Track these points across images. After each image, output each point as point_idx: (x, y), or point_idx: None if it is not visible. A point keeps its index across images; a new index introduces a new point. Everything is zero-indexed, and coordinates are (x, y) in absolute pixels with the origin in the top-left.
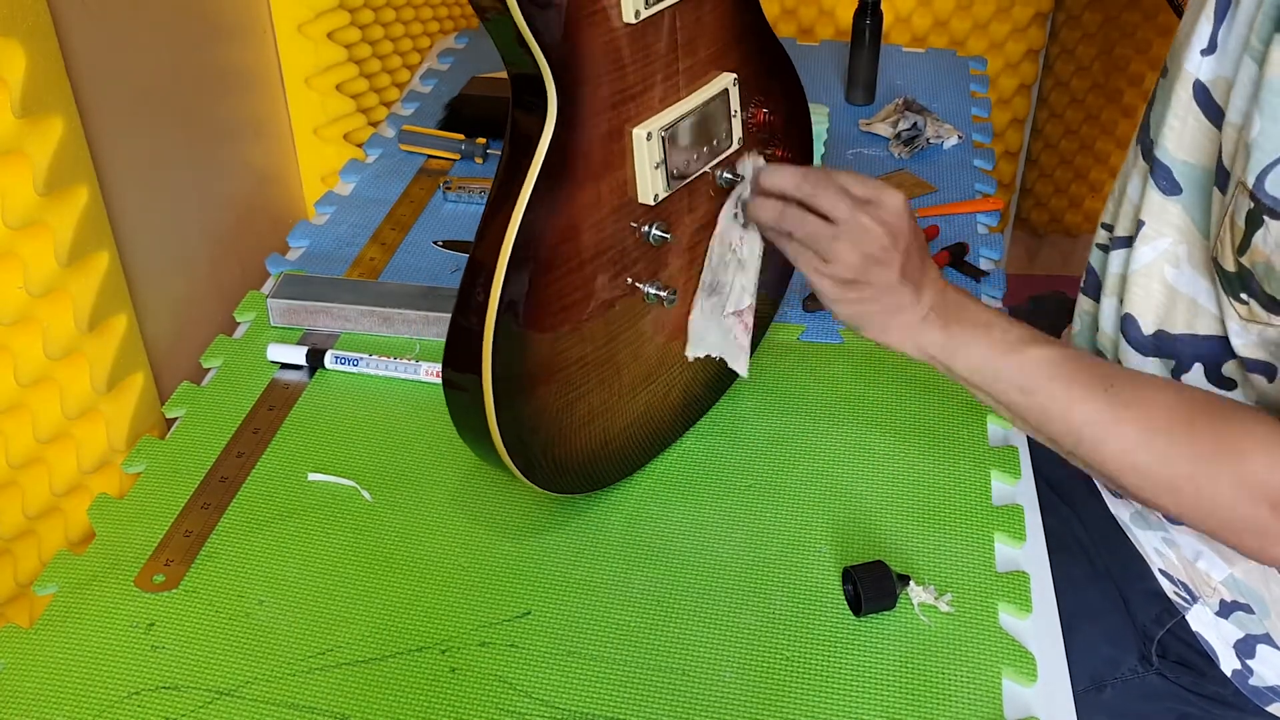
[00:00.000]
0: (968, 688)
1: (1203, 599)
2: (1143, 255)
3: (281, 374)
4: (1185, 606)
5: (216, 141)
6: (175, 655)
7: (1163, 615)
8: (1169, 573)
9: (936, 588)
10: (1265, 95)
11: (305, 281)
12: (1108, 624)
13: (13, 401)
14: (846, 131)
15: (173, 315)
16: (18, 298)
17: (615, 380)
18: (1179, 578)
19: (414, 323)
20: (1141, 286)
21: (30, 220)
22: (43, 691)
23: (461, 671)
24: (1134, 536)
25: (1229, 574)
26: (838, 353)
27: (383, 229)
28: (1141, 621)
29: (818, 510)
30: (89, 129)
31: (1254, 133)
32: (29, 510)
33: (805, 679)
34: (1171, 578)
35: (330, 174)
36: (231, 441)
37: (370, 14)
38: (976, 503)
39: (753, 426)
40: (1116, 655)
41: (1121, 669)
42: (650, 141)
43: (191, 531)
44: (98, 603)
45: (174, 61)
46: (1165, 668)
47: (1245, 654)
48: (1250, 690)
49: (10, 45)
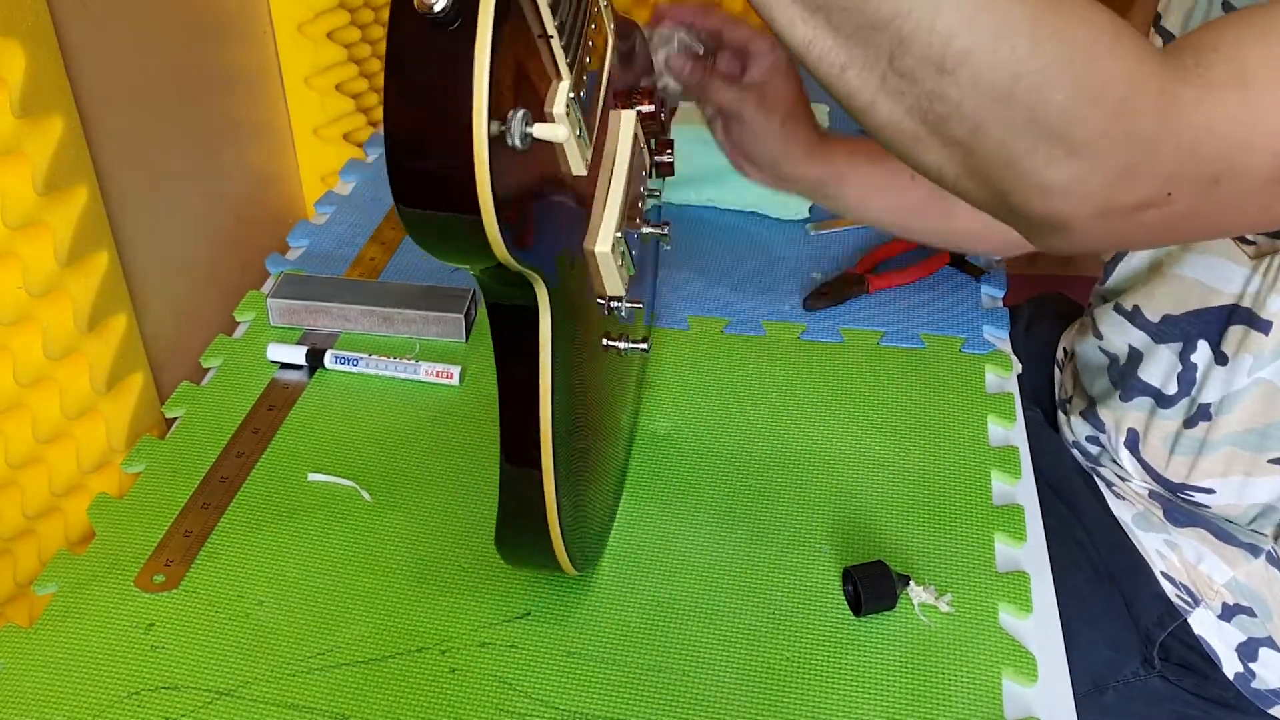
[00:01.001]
0: (968, 688)
1: (1205, 602)
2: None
3: (281, 374)
4: (1187, 609)
5: (216, 141)
6: (175, 655)
7: (1164, 618)
8: (1171, 575)
9: (937, 588)
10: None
11: (305, 281)
12: (1109, 627)
13: (12, 401)
14: (848, 131)
15: (172, 315)
16: (17, 298)
17: (604, 441)
18: (1181, 580)
19: (414, 322)
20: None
21: (30, 220)
22: (42, 691)
23: (461, 672)
24: (1136, 539)
25: (1231, 577)
26: (838, 352)
27: (383, 228)
28: (1144, 624)
29: (818, 510)
30: (89, 129)
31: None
32: (29, 510)
33: (805, 679)
34: (1174, 580)
35: (330, 174)
36: (231, 441)
37: (370, 13)
38: (977, 503)
39: (752, 426)
40: (1118, 658)
41: (1123, 672)
42: (613, 250)
43: (191, 531)
44: (97, 603)
45: (174, 61)
46: (1167, 670)
47: (1248, 657)
48: (1252, 693)
49: (10, 45)
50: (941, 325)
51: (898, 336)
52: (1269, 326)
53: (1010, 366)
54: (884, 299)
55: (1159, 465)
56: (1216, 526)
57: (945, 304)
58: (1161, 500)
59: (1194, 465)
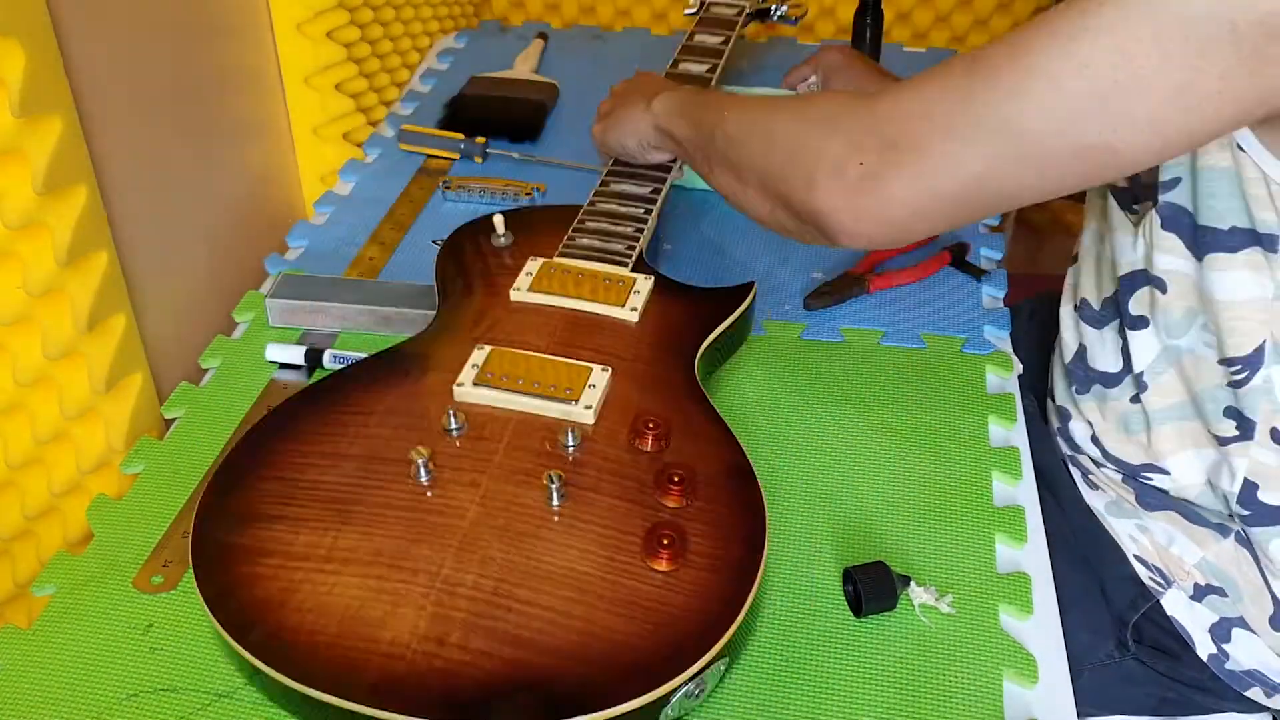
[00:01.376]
0: (968, 689)
1: (1177, 583)
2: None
3: (280, 374)
4: (1160, 591)
5: (216, 141)
6: (174, 657)
7: (1138, 600)
8: (1143, 558)
9: (937, 589)
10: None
11: (304, 281)
12: (1085, 610)
13: (11, 402)
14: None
15: (172, 315)
16: (16, 298)
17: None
18: (1153, 563)
19: (413, 322)
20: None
21: (29, 220)
22: (40, 693)
23: None
24: (1108, 524)
25: (1201, 557)
26: (838, 351)
27: (382, 228)
28: (1117, 607)
29: (818, 510)
30: (88, 129)
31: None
32: (28, 511)
33: (805, 679)
34: (1146, 563)
35: (330, 173)
36: (230, 441)
37: (370, 13)
38: (977, 503)
39: (752, 425)
40: (1094, 641)
41: (1098, 654)
42: None
43: (190, 532)
44: (96, 604)
45: (173, 61)
46: (1142, 653)
47: (1220, 638)
48: (1227, 675)
49: (10, 45)
50: (942, 325)
51: (898, 336)
52: (1164, 284)
53: (1011, 367)
54: (885, 299)
55: (1116, 450)
56: (1185, 508)
57: (946, 304)
58: (1134, 485)
59: (1148, 445)
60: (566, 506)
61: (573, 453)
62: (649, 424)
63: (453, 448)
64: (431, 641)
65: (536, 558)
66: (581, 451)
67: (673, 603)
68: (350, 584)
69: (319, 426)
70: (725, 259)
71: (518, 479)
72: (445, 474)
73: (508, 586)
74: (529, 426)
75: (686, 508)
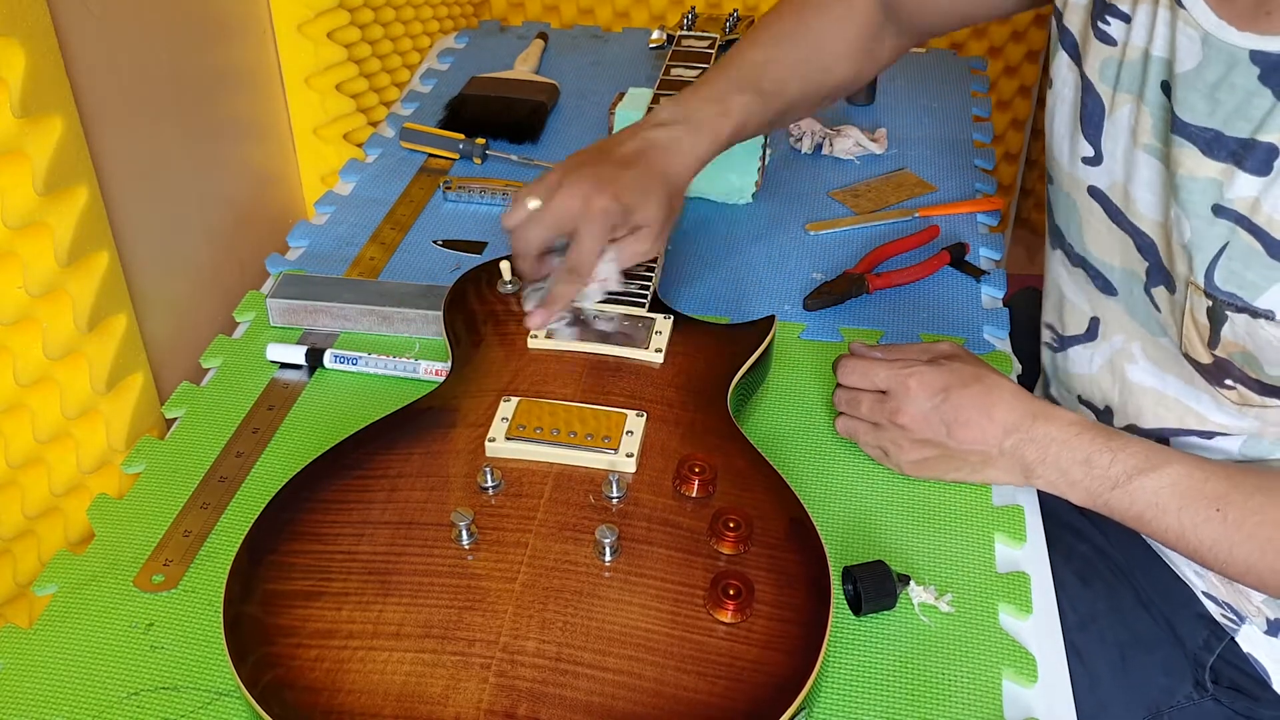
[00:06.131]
0: (968, 688)
1: (1250, 618)
2: (1102, 352)
3: (281, 373)
4: (1234, 627)
5: (216, 141)
6: (174, 655)
7: (1211, 640)
8: (1213, 595)
9: (937, 588)
10: (1183, 195)
11: (305, 281)
12: (1162, 652)
13: (12, 401)
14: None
15: (172, 315)
16: (17, 298)
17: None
18: (1223, 599)
19: (413, 321)
20: (1102, 386)
21: (30, 220)
22: (42, 692)
23: None
24: (1170, 560)
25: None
26: (838, 351)
27: (382, 228)
28: (1190, 647)
29: (818, 510)
30: (89, 129)
31: (1187, 235)
32: (29, 510)
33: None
34: (1216, 599)
35: (330, 174)
36: (231, 441)
37: (370, 13)
38: (977, 503)
39: (752, 425)
40: (1171, 684)
41: (1176, 697)
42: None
43: (191, 531)
44: (97, 603)
45: (174, 61)
46: (1220, 694)
47: None
48: None
49: (10, 45)
50: (941, 325)
51: (898, 336)
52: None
53: (1010, 366)
54: (884, 299)
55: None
56: None
57: (945, 304)
58: None
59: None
60: (620, 561)
61: (618, 503)
62: (695, 468)
63: (490, 506)
64: (499, 716)
65: (597, 618)
66: (627, 502)
67: (745, 656)
68: (403, 660)
69: (344, 495)
70: (723, 262)
71: (566, 535)
72: (488, 535)
73: (571, 650)
74: (569, 479)
75: (744, 554)
